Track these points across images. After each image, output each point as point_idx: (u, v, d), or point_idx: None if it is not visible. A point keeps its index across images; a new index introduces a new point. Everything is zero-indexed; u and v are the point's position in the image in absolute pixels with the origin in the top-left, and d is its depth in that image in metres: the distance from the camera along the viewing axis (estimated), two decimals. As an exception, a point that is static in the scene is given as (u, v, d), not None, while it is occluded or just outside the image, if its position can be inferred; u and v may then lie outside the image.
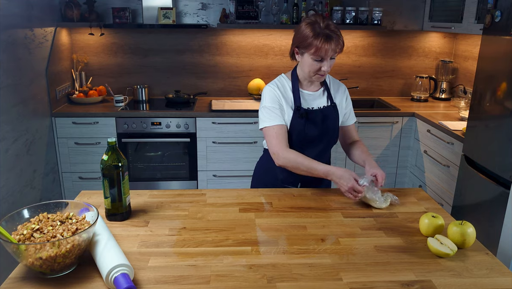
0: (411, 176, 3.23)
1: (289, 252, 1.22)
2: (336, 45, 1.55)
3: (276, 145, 1.64)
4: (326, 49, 1.54)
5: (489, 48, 2.23)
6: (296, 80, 1.72)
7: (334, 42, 1.54)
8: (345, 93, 1.81)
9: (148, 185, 3.20)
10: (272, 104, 1.68)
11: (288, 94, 1.71)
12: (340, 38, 1.57)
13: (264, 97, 1.71)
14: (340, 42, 1.57)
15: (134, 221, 1.39)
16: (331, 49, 1.54)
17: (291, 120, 1.69)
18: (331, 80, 1.80)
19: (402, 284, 1.08)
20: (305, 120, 1.68)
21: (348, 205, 1.53)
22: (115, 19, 3.22)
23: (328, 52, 1.55)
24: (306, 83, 1.73)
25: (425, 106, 3.37)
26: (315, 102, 1.73)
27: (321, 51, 1.54)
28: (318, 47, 1.54)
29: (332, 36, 1.54)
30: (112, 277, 1.02)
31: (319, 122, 1.70)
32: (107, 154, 1.31)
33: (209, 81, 3.59)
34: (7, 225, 1.10)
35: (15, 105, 2.50)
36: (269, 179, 1.81)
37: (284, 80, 1.74)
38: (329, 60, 1.58)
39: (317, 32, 1.54)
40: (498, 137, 2.13)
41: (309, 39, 1.55)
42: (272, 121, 1.67)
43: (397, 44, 3.60)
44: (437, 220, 1.30)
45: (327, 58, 1.57)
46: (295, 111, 1.68)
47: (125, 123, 3.03)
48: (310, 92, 1.73)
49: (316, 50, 1.55)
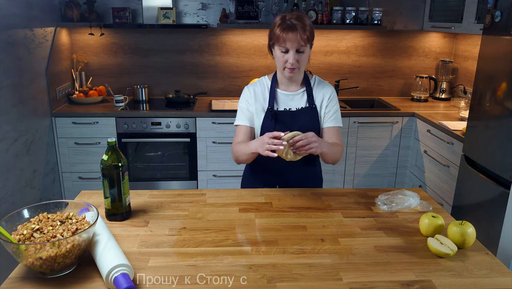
0: (411, 176, 3.23)
1: (289, 252, 1.21)
2: (300, 36, 1.52)
3: (232, 143, 1.71)
4: (288, 38, 1.52)
5: (489, 48, 2.23)
6: (275, 81, 1.72)
7: (298, 33, 1.52)
8: (330, 95, 1.72)
9: (148, 185, 3.20)
10: (241, 104, 1.73)
11: (266, 95, 1.71)
12: (305, 30, 1.53)
13: (240, 97, 1.76)
14: (305, 33, 1.53)
15: (134, 221, 1.39)
16: (294, 39, 1.52)
17: (262, 121, 1.69)
18: (317, 82, 1.74)
19: (402, 284, 1.08)
20: (274, 121, 1.66)
21: (348, 205, 1.53)
22: (115, 19, 3.22)
23: (290, 42, 1.53)
24: (285, 83, 1.71)
25: (425, 106, 3.37)
26: (292, 103, 1.70)
27: (282, 40, 1.53)
28: (280, 36, 1.54)
29: (295, 26, 1.52)
30: (112, 277, 1.02)
31: (291, 124, 1.65)
32: (107, 154, 1.31)
33: (209, 81, 3.59)
34: (7, 225, 1.10)
35: (15, 105, 2.50)
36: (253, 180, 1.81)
37: (265, 81, 1.75)
38: (295, 53, 1.56)
39: (281, 23, 1.55)
40: (498, 137, 2.13)
41: (274, 29, 1.57)
42: (237, 121, 1.73)
43: (397, 44, 3.60)
44: (437, 220, 1.30)
45: (292, 49, 1.55)
46: (266, 112, 1.68)
47: (125, 123, 3.03)
48: (288, 92, 1.71)
49: (278, 40, 1.55)
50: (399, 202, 1.50)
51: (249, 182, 1.82)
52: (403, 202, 1.50)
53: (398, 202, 1.50)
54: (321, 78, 1.78)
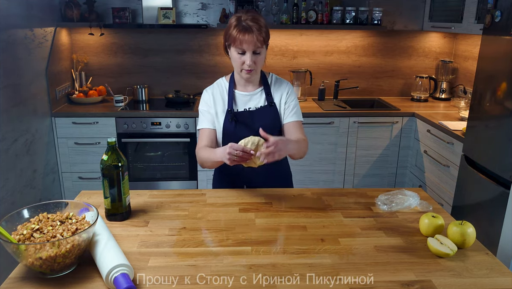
0: (411, 176, 3.23)
1: (289, 252, 1.21)
2: (256, 37, 1.51)
3: (196, 148, 1.69)
4: (244, 40, 1.51)
5: (489, 48, 2.23)
6: (232, 82, 1.72)
7: (254, 34, 1.51)
8: (287, 91, 1.72)
9: (148, 185, 3.20)
10: (202, 108, 1.73)
11: (224, 97, 1.71)
12: (261, 31, 1.52)
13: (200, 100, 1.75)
14: (261, 35, 1.53)
15: (134, 221, 1.39)
16: (250, 41, 1.52)
17: (223, 123, 1.68)
18: (274, 80, 1.74)
19: (402, 284, 1.08)
20: (234, 122, 1.66)
21: (348, 205, 1.53)
22: (115, 19, 3.22)
23: (247, 44, 1.52)
24: (243, 84, 1.71)
25: (425, 106, 3.37)
26: (251, 103, 1.70)
27: (239, 42, 1.52)
28: (236, 38, 1.53)
29: (250, 28, 1.51)
30: (112, 277, 1.02)
31: (251, 124, 1.66)
32: (107, 154, 1.31)
33: (209, 81, 3.52)
34: (7, 225, 1.10)
35: (15, 105, 2.50)
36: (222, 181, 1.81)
37: (222, 82, 1.75)
38: (252, 54, 1.55)
39: (237, 24, 1.54)
40: (498, 137, 2.13)
41: (230, 30, 1.56)
42: (200, 124, 1.73)
43: (397, 44, 3.60)
44: (437, 220, 1.29)
45: (249, 51, 1.54)
46: (226, 114, 1.68)
47: (125, 123, 3.02)
48: (246, 93, 1.71)
49: (234, 41, 1.54)
50: (399, 202, 1.50)
51: (218, 183, 1.82)
52: (403, 202, 1.50)
53: (398, 202, 1.50)
54: (321, 78, 1.78)
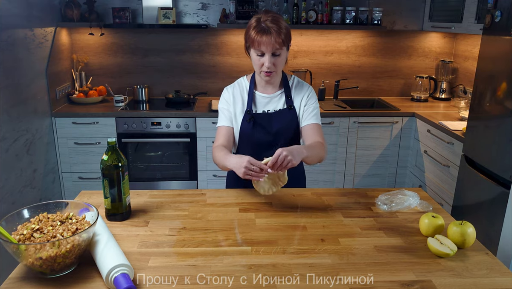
0: (411, 176, 3.23)
1: (289, 252, 1.21)
2: (275, 39, 1.51)
3: (213, 145, 1.68)
4: (262, 41, 1.51)
5: (489, 48, 2.23)
6: (253, 82, 1.71)
7: (273, 36, 1.50)
8: (308, 94, 1.71)
9: (148, 185, 3.20)
10: (221, 105, 1.72)
11: (244, 97, 1.71)
12: (280, 33, 1.51)
13: (220, 98, 1.75)
14: (280, 37, 1.51)
15: (134, 221, 1.39)
16: (269, 42, 1.51)
17: (241, 124, 1.68)
18: (296, 82, 1.73)
19: (402, 284, 1.08)
20: (252, 124, 1.66)
21: (348, 205, 1.53)
22: (115, 19, 3.22)
23: (265, 46, 1.52)
24: (263, 85, 1.70)
25: (425, 106, 3.37)
26: (270, 105, 1.70)
27: (257, 44, 1.52)
28: (254, 40, 1.52)
29: (269, 30, 1.51)
30: (112, 277, 1.02)
31: (269, 126, 1.66)
32: (107, 154, 1.31)
33: (209, 81, 3.59)
34: (7, 225, 1.10)
35: (15, 105, 2.50)
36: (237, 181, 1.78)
37: (243, 82, 1.74)
38: (271, 56, 1.55)
39: (256, 25, 1.53)
40: (498, 137, 2.13)
41: (249, 31, 1.55)
42: (218, 122, 1.73)
43: (397, 44, 3.60)
44: (437, 220, 1.29)
45: (268, 53, 1.54)
46: (245, 115, 1.68)
47: (125, 123, 3.03)
48: (266, 95, 1.70)
49: (253, 43, 1.54)
50: (399, 202, 1.50)
51: (233, 180, 1.79)
52: (403, 202, 1.50)
53: (398, 202, 1.50)
54: (321, 78, 1.78)
